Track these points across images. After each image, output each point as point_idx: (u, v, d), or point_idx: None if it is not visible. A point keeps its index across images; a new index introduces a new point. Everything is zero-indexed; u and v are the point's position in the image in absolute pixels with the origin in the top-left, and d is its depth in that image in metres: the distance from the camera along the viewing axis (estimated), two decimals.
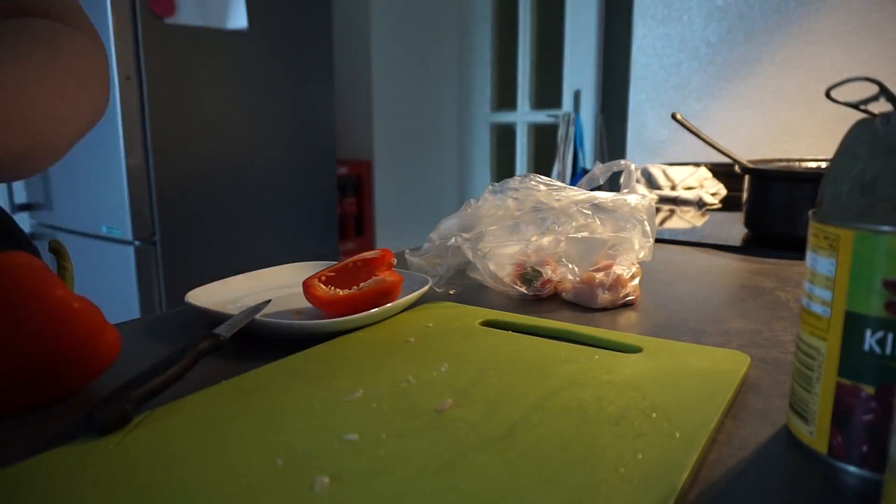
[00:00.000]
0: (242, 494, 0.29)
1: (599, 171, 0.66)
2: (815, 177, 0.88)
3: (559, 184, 0.63)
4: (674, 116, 0.84)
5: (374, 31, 2.81)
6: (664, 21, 1.81)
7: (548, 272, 0.62)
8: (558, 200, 0.61)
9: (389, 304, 0.54)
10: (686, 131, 0.92)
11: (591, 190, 0.66)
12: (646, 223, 0.64)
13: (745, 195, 0.99)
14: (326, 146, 2.47)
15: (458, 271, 0.65)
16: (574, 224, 0.62)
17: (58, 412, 0.40)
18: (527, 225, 0.61)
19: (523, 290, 0.62)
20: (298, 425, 0.36)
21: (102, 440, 0.34)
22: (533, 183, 0.63)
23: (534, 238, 0.61)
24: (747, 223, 0.99)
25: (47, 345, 0.39)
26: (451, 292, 0.66)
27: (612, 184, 0.98)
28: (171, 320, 0.58)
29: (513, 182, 0.64)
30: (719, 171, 1.52)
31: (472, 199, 0.65)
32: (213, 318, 0.52)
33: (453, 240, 0.61)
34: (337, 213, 2.60)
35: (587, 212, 0.62)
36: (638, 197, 0.64)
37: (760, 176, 0.94)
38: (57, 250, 0.43)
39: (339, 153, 2.76)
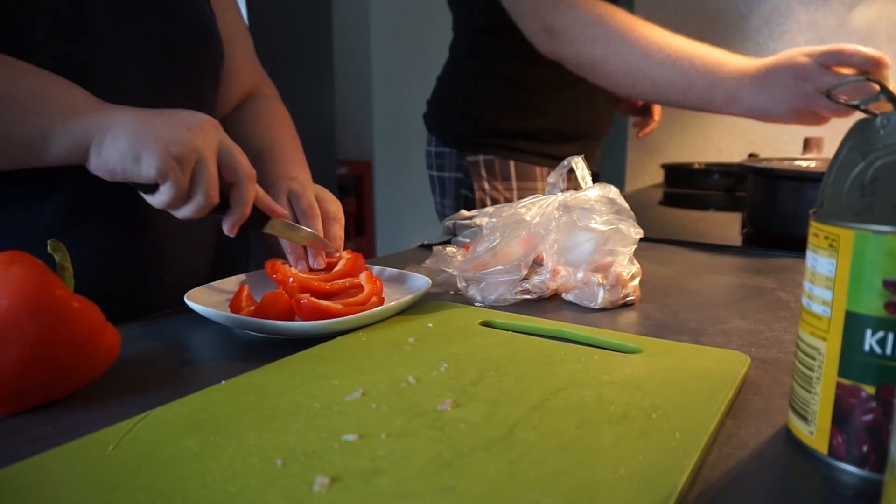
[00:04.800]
0: (242, 494, 0.29)
1: (553, 178, 0.66)
2: (815, 177, 0.88)
3: (524, 203, 0.64)
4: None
5: (374, 31, 2.81)
6: (663, 22, 1.80)
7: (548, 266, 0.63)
8: (535, 217, 0.62)
9: (390, 304, 0.54)
10: (685, 132, 0.92)
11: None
12: (619, 201, 0.64)
13: (747, 194, 0.99)
14: (326, 146, 2.47)
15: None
16: (558, 227, 0.62)
17: (58, 410, 0.40)
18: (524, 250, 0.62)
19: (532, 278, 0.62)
20: (298, 425, 0.36)
21: (102, 440, 0.34)
22: (504, 214, 0.63)
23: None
24: (748, 222, 0.99)
25: (48, 345, 0.39)
26: (450, 292, 0.66)
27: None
28: (170, 320, 0.58)
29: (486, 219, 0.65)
30: (721, 171, 1.52)
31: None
32: (212, 319, 0.52)
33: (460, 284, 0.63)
34: None
35: (562, 215, 0.63)
36: (597, 189, 0.64)
37: (762, 175, 0.94)
38: (56, 250, 0.43)
39: (339, 153, 2.76)
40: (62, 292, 0.40)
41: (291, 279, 0.57)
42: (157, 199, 0.52)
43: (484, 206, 1.24)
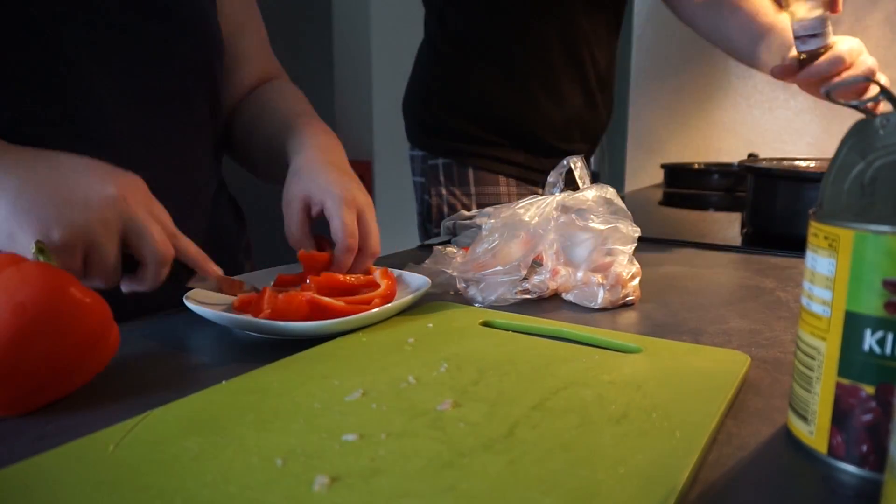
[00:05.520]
0: (242, 494, 0.29)
1: (553, 178, 0.66)
2: (815, 177, 0.88)
3: (522, 203, 0.64)
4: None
5: (374, 31, 2.81)
6: (664, 21, 1.80)
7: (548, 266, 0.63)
8: (534, 218, 0.62)
9: (389, 305, 0.54)
10: (685, 132, 0.92)
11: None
12: (616, 201, 0.64)
13: (747, 194, 0.99)
14: None
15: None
16: (557, 227, 0.62)
17: (58, 410, 0.40)
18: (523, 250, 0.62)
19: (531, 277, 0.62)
20: (298, 425, 0.36)
21: (102, 440, 0.34)
22: (503, 215, 0.64)
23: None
24: (748, 222, 0.99)
25: (65, 341, 0.39)
26: (450, 292, 0.66)
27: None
28: (170, 320, 0.58)
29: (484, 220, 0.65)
30: (721, 171, 1.52)
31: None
32: (210, 319, 0.52)
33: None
34: None
35: (561, 215, 0.63)
36: (594, 190, 0.64)
37: (762, 175, 0.94)
38: (42, 251, 0.43)
39: None
40: (76, 289, 0.40)
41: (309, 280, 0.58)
42: None
43: (441, 213, 1.17)
